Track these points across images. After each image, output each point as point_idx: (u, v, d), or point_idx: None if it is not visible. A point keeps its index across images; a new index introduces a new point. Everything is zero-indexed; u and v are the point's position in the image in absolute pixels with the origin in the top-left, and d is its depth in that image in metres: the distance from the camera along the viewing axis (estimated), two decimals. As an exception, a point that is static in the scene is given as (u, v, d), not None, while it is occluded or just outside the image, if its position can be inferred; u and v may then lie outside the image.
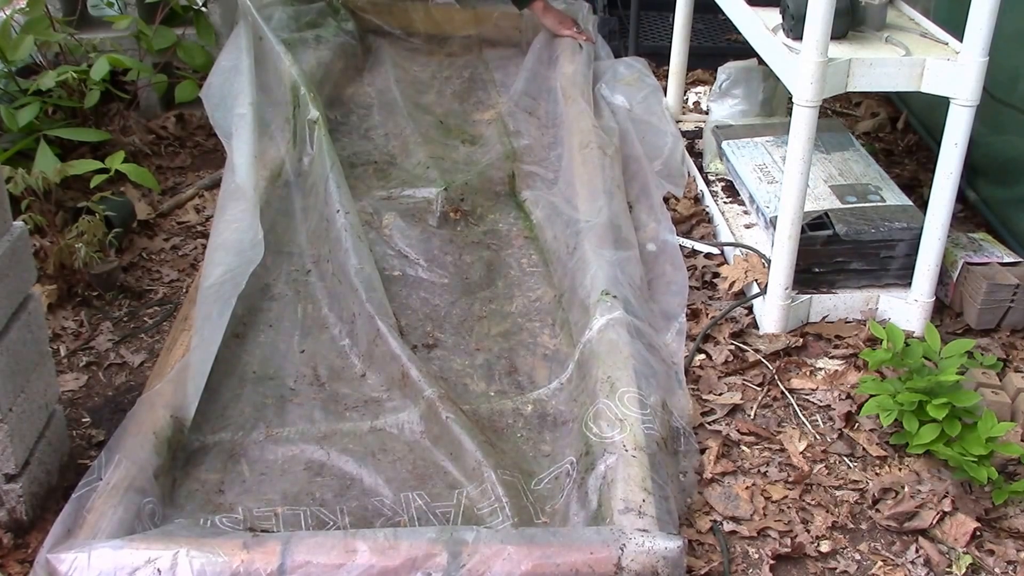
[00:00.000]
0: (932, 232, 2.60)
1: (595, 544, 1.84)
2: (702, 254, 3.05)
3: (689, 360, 2.61)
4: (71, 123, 3.51)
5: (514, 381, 2.55)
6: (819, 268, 2.77)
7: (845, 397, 2.50)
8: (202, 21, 3.84)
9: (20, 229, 2.04)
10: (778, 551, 2.09)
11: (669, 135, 3.59)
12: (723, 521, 2.16)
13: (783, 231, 2.61)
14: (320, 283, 2.84)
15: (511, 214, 3.26)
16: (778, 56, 2.62)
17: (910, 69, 2.48)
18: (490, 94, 4.10)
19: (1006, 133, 3.03)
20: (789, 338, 2.68)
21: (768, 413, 2.48)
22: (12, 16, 3.51)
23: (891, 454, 2.34)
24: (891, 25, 2.66)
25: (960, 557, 2.09)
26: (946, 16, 2.99)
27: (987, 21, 2.35)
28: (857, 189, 2.90)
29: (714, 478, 2.27)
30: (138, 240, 3.15)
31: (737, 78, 3.47)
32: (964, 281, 2.74)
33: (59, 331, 2.72)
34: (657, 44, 4.41)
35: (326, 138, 3.26)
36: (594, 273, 2.67)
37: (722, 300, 2.87)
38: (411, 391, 2.41)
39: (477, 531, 1.88)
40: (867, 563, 2.08)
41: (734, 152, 3.25)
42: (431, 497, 2.16)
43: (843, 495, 2.24)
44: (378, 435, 2.35)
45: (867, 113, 4.03)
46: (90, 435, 2.37)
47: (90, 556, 1.81)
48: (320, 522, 2.10)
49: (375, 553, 1.82)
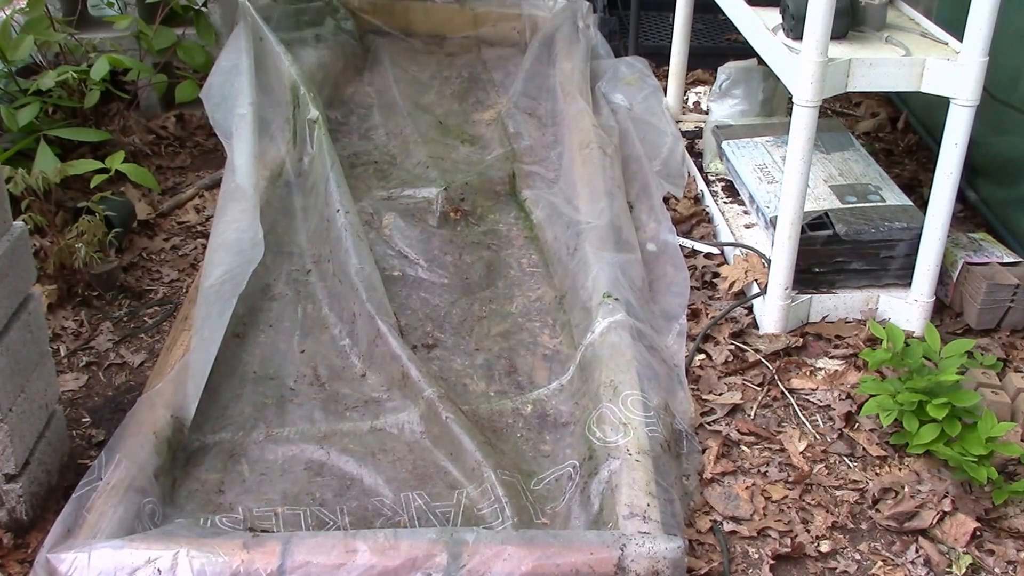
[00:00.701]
0: (932, 232, 2.60)
1: (595, 545, 1.84)
2: (702, 254, 3.05)
3: (689, 360, 2.61)
4: (71, 123, 3.50)
5: (514, 381, 2.55)
6: (819, 268, 2.76)
7: (845, 397, 2.50)
8: (202, 21, 3.84)
9: (20, 229, 2.04)
10: (778, 551, 2.09)
11: (669, 135, 3.59)
12: (723, 521, 2.16)
13: (783, 231, 2.61)
14: (320, 283, 2.84)
15: (511, 214, 3.26)
16: (778, 56, 2.62)
17: (910, 69, 2.48)
18: (489, 94, 4.10)
19: (1006, 133, 3.03)
20: (789, 338, 2.68)
21: (768, 413, 2.48)
22: (12, 16, 3.51)
23: (891, 454, 2.34)
24: (891, 25, 2.66)
25: (960, 557, 2.09)
26: (947, 16, 2.99)
27: (987, 21, 2.35)
28: (857, 189, 2.90)
29: (714, 478, 2.27)
30: (138, 240, 3.15)
31: (737, 78, 3.47)
32: (964, 281, 2.74)
33: (59, 331, 2.72)
34: (657, 44, 4.41)
35: (326, 138, 3.27)
36: (595, 275, 2.67)
37: (722, 300, 2.87)
38: (411, 391, 2.41)
39: (477, 532, 1.88)
40: (867, 563, 2.08)
41: (734, 152, 3.25)
42: (431, 497, 2.16)
43: (843, 495, 2.24)
44: (378, 435, 2.35)
45: (867, 113, 4.03)
46: (90, 435, 2.37)
47: (90, 556, 1.81)
48: (320, 522, 2.10)
49: (375, 553, 1.82)
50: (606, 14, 4.59)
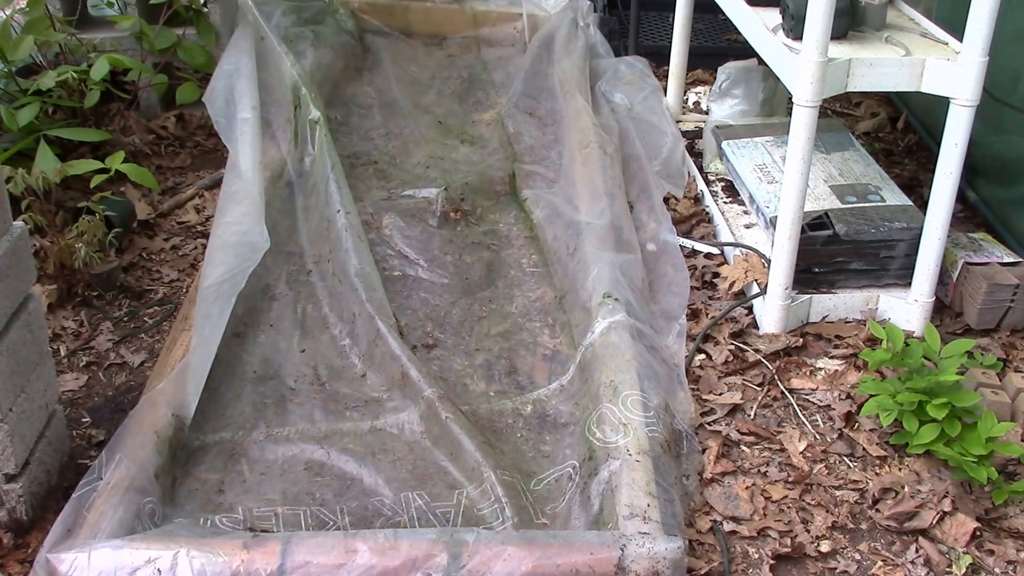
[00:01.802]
0: (932, 232, 2.60)
1: (595, 545, 1.84)
2: (702, 254, 3.05)
3: (689, 360, 2.61)
4: (71, 123, 3.50)
5: (514, 381, 2.55)
6: (819, 268, 2.77)
7: (845, 397, 2.50)
8: (202, 21, 3.84)
9: (20, 229, 2.04)
10: (778, 551, 2.09)
11: (669, 135, 3.59)
12: (723, 521, 2.17)
13: (783, 231, 2.61)
14: (320, 283, 2.84)
15: (511, 214, 3.26)
16: (778, 56, 2.62)
17: (910, 69, 2.48)
18: (489, 94, 4.10)
19: (1006, 133, 3.03)
20: (789, 338, 2.68)
21: (768, 413, 2.48)
22: (12, 16, 3.50)
23: (891, 454, 2.35)
24: (891, 25, 2.66)
25: (960, 557, 2.09)
26: (947, 16, 2.99)
27: (987, 21, 2.36)
28: (857, 189, 2.91)
29: (714, 478, 2.27)
30: (138, 240, 3.15)
31: (737, 78, 3.47)
32: (964, 281, 2.74)
33: (59, 331, 2.72)
34: (657, 44, 4.41)
35: (327, 138, 3.27)
36: (595, 275, 2.67)
37: (722, 300, 2.87)
38: (411, 391, 2.41)
39: (477, 532, 1.88)
40: (867, 563, 2.08)
41: (734, 152, 3.26)
42: (431, 497, 2.16)
43: (843, 495, 2.24)
44: (378, 435, 2.35)
45: (867, 113, 4.03)
46: (90, 435, 2.37)
47: (90, 556, 1.81)
48: (320, 522, 2.10)
49: (375, 553, 1.82)
50: (606, 14, 4.59)
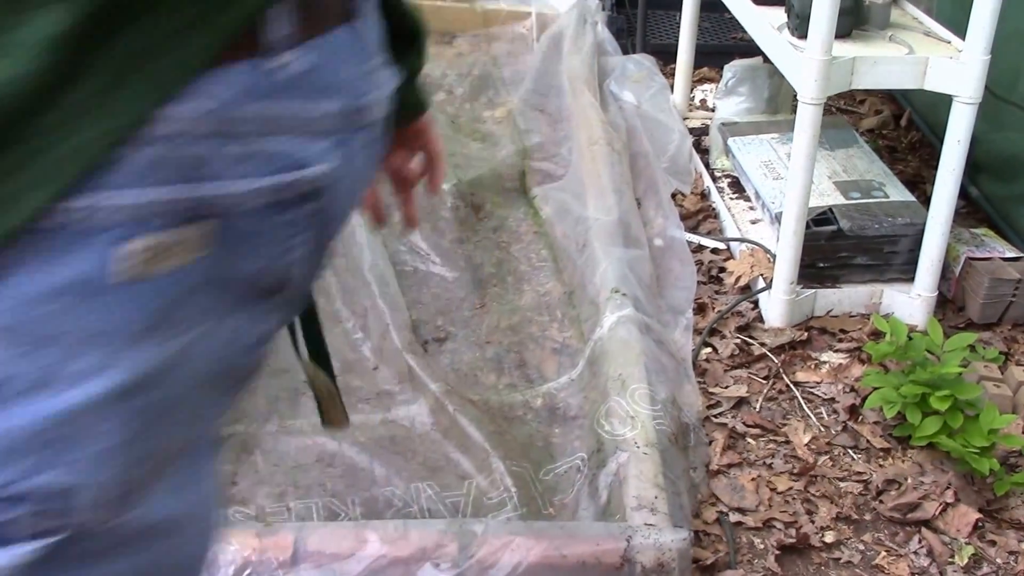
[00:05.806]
0: (935, 228, 2.62)
1: (602, 536, 1.87)
2: (708, 249, 3.08)
3: (696, 354, 2.64)
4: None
5: (524, 374, 2.58)
6: (824, 263, 2.79)
7: (849, 390, 2.53)
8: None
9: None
10: (783, 542, 2.11)
11: (676, 132, 3.61)
12: (729, 512, 2.19)
13: (788, 226, 2.63)
14: (333, 277, 2.87)
15: (521, 210, 3.29)
16: (783, 54, 2.65)
17: (913, 67, 2.51)
18: (499, 91, 4.13)
19: (1007, 130, 3.05)
20: (794, 332, 2.71)
21: (773, 406, 2.51)
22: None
23: (894, 446, 2.37)
24: (895, 24, 2.69)
25: (962, 547, 2.11)
26: (949, 15, 3.01)
27: (989, 20, 2.38)
28: (861, 185, 2.93)
29: (720, 470, 2.30)
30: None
31: (743, 76, 3.50)
32: (966, 276, 2.77)
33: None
34: (664, 42, 4.43)
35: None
36: (604, 270, 2.70)
37: (728, 294, 2.89)
38: (419, 384, 2.44)
39: (486, 523, 1.91)
40: (871, 553, 2.11)
41: (740, 149, 3.28)
42: (441, 487, 2.19)
43: (847, 486, 2.27)
44: (389, 427, 2.38)
45: (871, 110, 4.05)
46: (107, 428, 2.40)
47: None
48: (331, 513, 2.14)
49: (386, 543, 1.84)
50: (614, 12, 4.61)
